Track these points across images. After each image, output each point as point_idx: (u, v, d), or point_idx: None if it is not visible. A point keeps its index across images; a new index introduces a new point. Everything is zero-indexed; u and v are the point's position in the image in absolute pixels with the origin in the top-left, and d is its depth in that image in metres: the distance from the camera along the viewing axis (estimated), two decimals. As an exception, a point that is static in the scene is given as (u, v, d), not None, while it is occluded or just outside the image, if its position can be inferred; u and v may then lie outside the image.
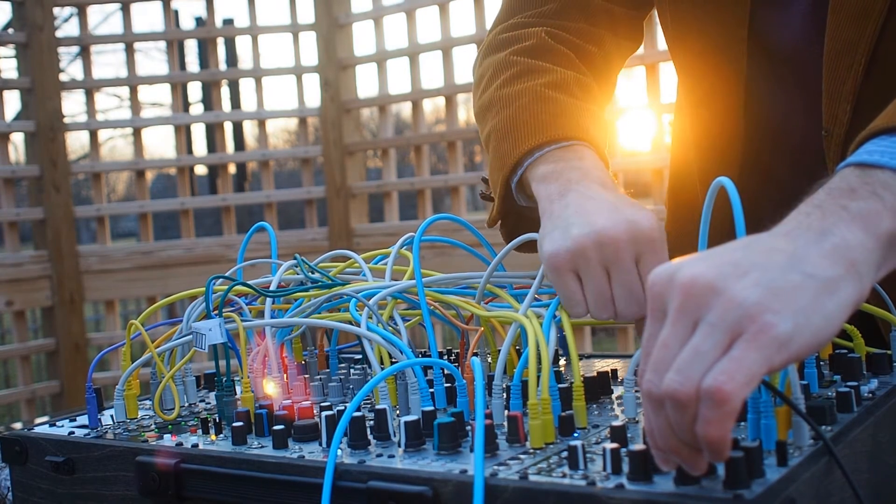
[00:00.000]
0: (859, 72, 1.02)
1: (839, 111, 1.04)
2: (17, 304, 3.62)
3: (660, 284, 0.64)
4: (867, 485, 0.72)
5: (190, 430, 0.90)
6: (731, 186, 0.70)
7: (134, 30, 3.81)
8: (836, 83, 1.04)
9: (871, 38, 1.01)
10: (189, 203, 3.83)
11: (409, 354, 0.89)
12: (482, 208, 5.10)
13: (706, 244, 0.77)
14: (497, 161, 1.05)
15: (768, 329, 0.59)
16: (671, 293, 0.62)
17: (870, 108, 1.01)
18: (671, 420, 0.61)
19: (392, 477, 0.70)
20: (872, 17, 1.00)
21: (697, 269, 0.62)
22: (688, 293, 0.61)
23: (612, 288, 0.87)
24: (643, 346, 0.65)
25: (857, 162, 0.72)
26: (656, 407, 0.62)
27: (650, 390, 0.62)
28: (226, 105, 9.69)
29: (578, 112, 1.05)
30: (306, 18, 3.81)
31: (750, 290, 0.60)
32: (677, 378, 0.60)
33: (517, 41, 1.18)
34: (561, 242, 0.88)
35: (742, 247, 0.65)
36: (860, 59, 1.01)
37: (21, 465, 0.95)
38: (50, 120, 3.66)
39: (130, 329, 1.02)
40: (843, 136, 1.04)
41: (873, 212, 0.67)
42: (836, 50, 1.03)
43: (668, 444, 0.62)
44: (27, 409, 3.65)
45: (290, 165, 17.08)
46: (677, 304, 0.62)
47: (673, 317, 0.62)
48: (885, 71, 1.02)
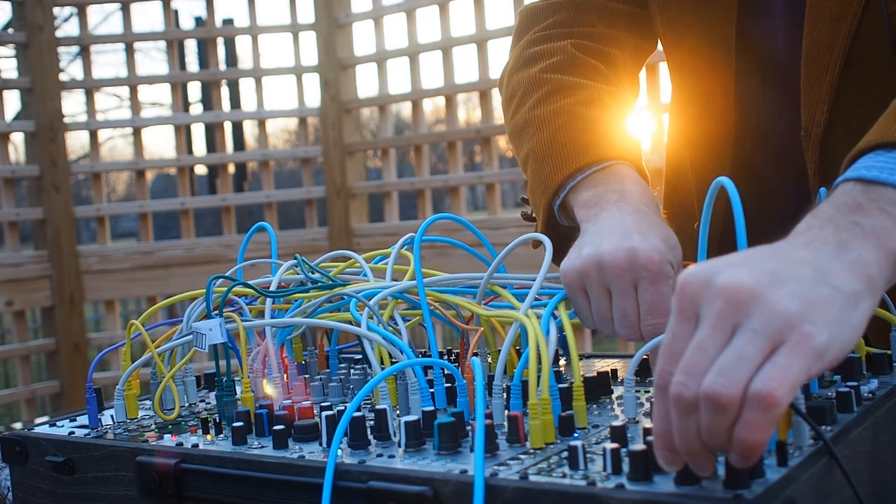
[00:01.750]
0: (835, 74, 1.04)
1: (816, 112, 1.06)
2: (17, 304, 3.62)
3: (694, 287, 0.63)
4: (867, 485, 0.72)
5: (190, 430, 0.90)
6: (731, 186, 0.70)
7: (134, 30, 3.81)
8: (813, 85, 1.06)
9: (845, 40, 1.02)
10: (189, 203, 3.83)
11: (409, 354, 0.89)
12: (482, 208, 5.09)
13: (706, 244, 0.78)
14: (539, 184, 1.07)
15: (808, 339, 0.60)
16: (708, 297, 0.62)
17: (846, 109, 1.04)
18: (704, 423, 0.60)
19: (392, 477, 0.70)
20: (847, 20, 1.02)
21: (738, 276, 0.62)
22: (729, 299, 0.61)
23: (612, 309, 0.91)
24: (666, 346, 0.63)
25: (858, 177, 0.74)
26: (685, 409, 0.61)
27: (681, 393, 0.61)
28: (226, 105, 9.68)
29: (614, 130, 1.09)
30: (306, 18, 3.81)
31: (788, 301, 0.61)
32: (721, 380, 0.59)
33: (544, 57, 1.19)
34: (573, 262, 0.93)
35: (770, 255, 0.65)
36: (836, 60, 1.03)
37: (21, 465, 0.95)
38: (50, 120, 3.66)
39: (130, 329, 1.02)
40: (820, 136, 1.06)
41: (885, 229, 0.69)
42: (813, 52, 1.05)
43: (688, 447, 0.61)
44: (27, 409, 3.65)
45: (290, 165, 17.09)
46: (718, 309, 0.61)
47: (712, 321, 0.61)
48: (860, 73, 1.04)
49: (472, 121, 13.73)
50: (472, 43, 3.50)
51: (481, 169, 3.66)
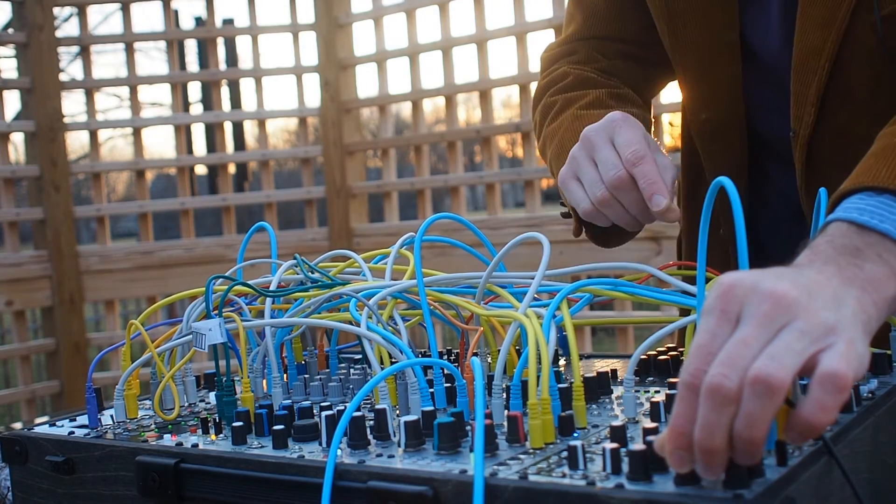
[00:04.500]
0: (823, 77, 1.07)
1: (804, 113, 1.09)
2: (17, 304, 3.62)
3: (740, 289, 0.65)
4: (867, 485, 0.72)
5: (190, 430, 0.90)
6: (731, 186, 0.70)
7: (134, 30, 3.81)
8: (802, 86, 1.08)
9: (833, 44, 1.05)
10: (189, 203, 3.83)
11: (409, 354, 0.89)
12: (482, 208, 5.10)
13: (706, 244, 0.77)
14: None
15: (853, 344, 0.64)
16: (755, 299, 0.64)
17: (833, 111, 1.07)
18: (748, 409, 0.60)
19: (392, 477, 0.70)
20: (835, 25, 1.04)
21: (783, 285, 0.65)
22: (778, 302, 0.64)
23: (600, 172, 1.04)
24: (701, 345, 0.64)
25: (851, 220, 0.78)
26: (721, 401, 0.61)
27: (721, 384, 0.61)
28: (226, 105, 9.70)
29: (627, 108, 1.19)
30: (306, 18, 3.81)
31: (826, 313, 0.65)
32: (773, 364, 0.60)
33: (554, 83, 1.32)
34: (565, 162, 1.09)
35: (797, 274, 0.69)
36: (824, 63, 1.06)
37: (21, 465, 0.95)
38: (50, 120, 3.66)
39: (130, 329, 1.02)
40: (807, 137, 1.09)
41: (883, 277, 0.73)
42: (803, 54, 1.08)
43: (710, 444, 0.61)
44: (27, 409, 3.65)
45: (290, 165, 17.09)
46: (766, 309, 0.63)
47: (759, 319, 0.63)
48: (848, 76, 1.07)
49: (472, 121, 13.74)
50: (472, 43, 3.50)
51: (481, 169, 3.66)
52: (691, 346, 0.64)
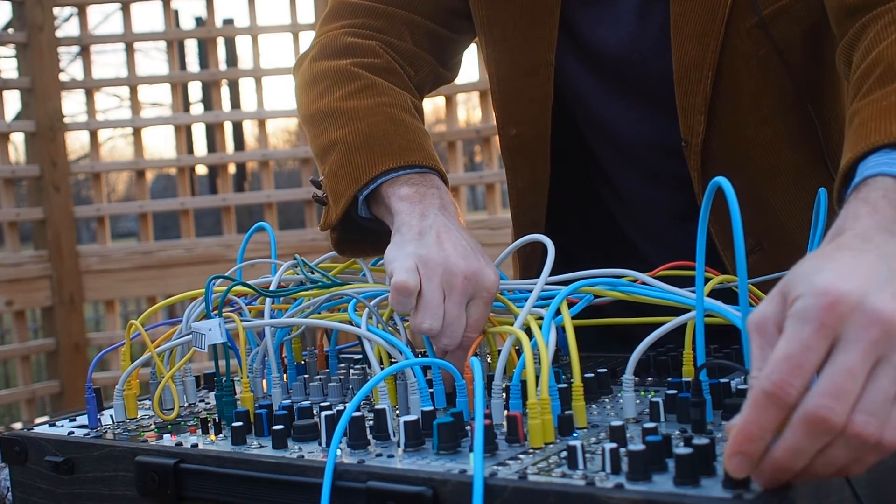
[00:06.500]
0: (708, 86, 1.10)
1: (694, 122, 1.12)
2: (17, 304, 3.62)
3: (847, 306, 0.60)
4: (867, 485, 0.72)
5: (189, 430, 0.90)
6: (728, 186, 0.70)
7: (134, 30, 3.81)
8: (687, 97, 1.12)
9: (713, 54, 1.09)
10: (189, 203, 3.83)
11: (408, 354, 0.89)
12: (482, 208, 5.10)
13: (705, 244, 0.77)
14: (347, 172, 1.09)
15: None
16: (861, 321, 0.60)
17: (721, 117, 1.12)
18: (839, 454, 0.60)
19: (391, 477, 0.70)
20: (712, 36, 1.09)
21: (891, 304, 0.61)
22: (886, 330, 0.60)
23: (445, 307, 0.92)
24: (792, 357, 0.60)
25: (886, 173, 0.75)
26: (824, 433, 0.59)
27: (828, 417, 0.59)
28: (226, 105, 9.68)
29: (428, 140, 1.14)
30: (306, 18, 3.82)
31: None
32: (872, 421, 0.59)
33: (356, 53, 1.21)
34: (416, 251, 0.94)
35: (880, 261, 0.64)
36: (707, 73, 1.10)
37: (21, 465, 0.95)
38: (50, 120, 3.66)
39: (130, 329, 1.02)
40: (700, 144, 1.13)
41: None
42: (684, 67, 1.11)
43: (792, 464, 0.60)
44: (27, 409, 3.65)
45: (290, 165, 17.08)
46: (873, 337, 0.60)
47: (864, 347, 0.60)
48: (731, 84, 1.11)
49: (472, 121, 13.73)
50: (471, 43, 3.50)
51: (481, 169, 3.66)
52: (775, 351, 0.60)
